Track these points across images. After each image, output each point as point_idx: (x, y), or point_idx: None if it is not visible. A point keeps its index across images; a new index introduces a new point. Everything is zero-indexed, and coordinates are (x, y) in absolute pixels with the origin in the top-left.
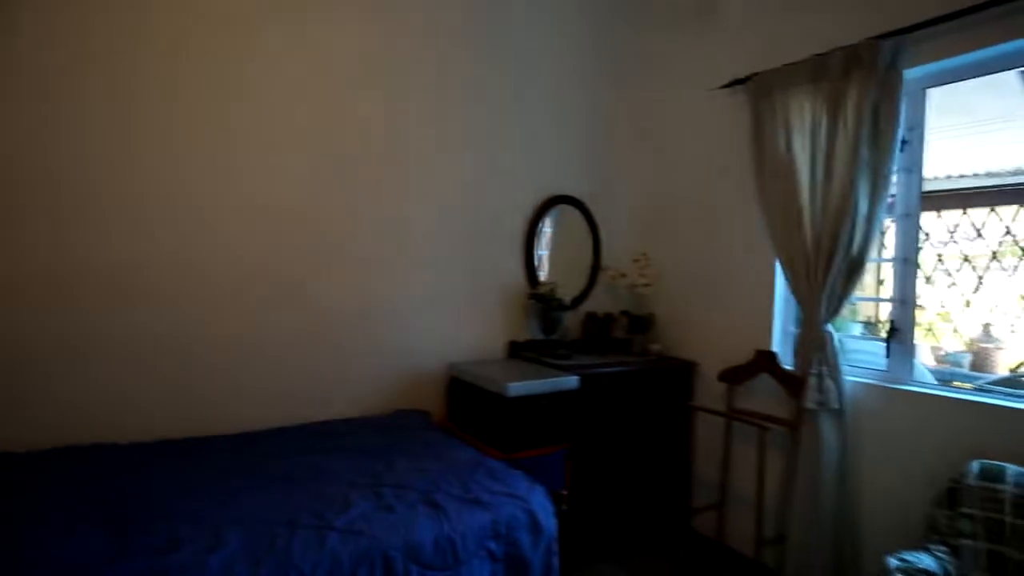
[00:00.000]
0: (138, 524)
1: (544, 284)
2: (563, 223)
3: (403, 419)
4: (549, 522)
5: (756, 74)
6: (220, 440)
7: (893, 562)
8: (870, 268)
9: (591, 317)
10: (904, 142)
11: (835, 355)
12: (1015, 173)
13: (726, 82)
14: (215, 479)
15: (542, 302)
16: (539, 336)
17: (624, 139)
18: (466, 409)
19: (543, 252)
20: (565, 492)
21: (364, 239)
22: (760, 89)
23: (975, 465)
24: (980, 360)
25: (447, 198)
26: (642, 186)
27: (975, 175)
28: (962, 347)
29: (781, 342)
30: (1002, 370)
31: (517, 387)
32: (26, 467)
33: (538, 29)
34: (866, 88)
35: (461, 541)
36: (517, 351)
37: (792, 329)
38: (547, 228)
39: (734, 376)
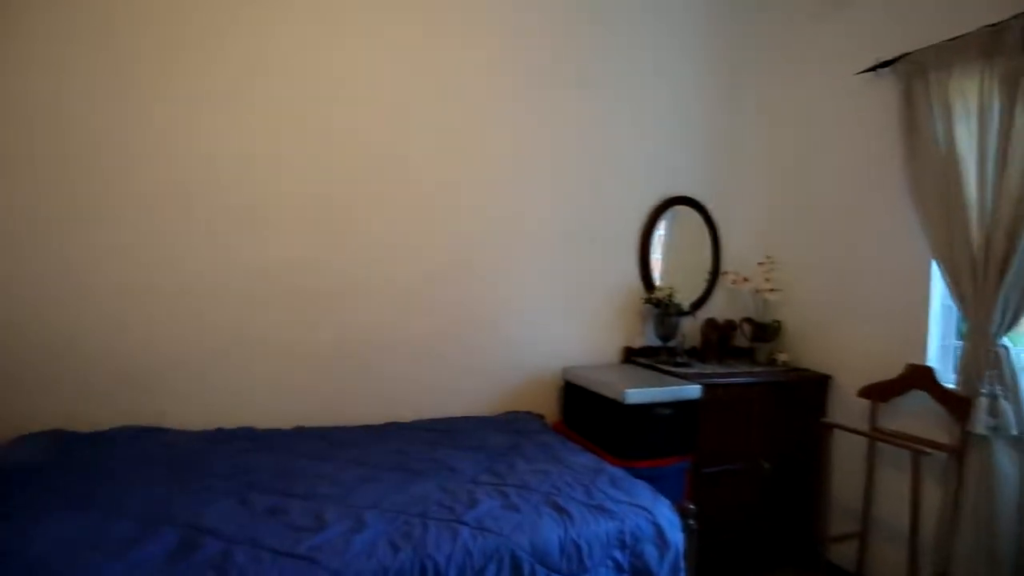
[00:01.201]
0: (289, 500)
1: (661, 288)
2: (680, 225)
3: (518, 420)
4: (676, 537)
5: (907, 54)
6: (353, 431)
7: None
8: None
9: (711, 323)
10: None
11: (1013, 373)
12: None
13: (869, 66)
14: (351, 465)
15: (659, 307)
16: (655, 342)
17: (750, 134)
18: (581, 414)
19: (658, 255)
20: (693, 507)
21: (483, 241)
22: (912, 70)
23: None
24: None
25: (563, 200)
26: (770, 183)
27: None
28: None
29: (939, 356)
30: None
31: (635, 394)
32: (200, 444)
33: (657, 21)
34: None
35: (587, 548)
36: (632, 357)
37: (953, 342)
38: (663, 230)
39: (879, 392)
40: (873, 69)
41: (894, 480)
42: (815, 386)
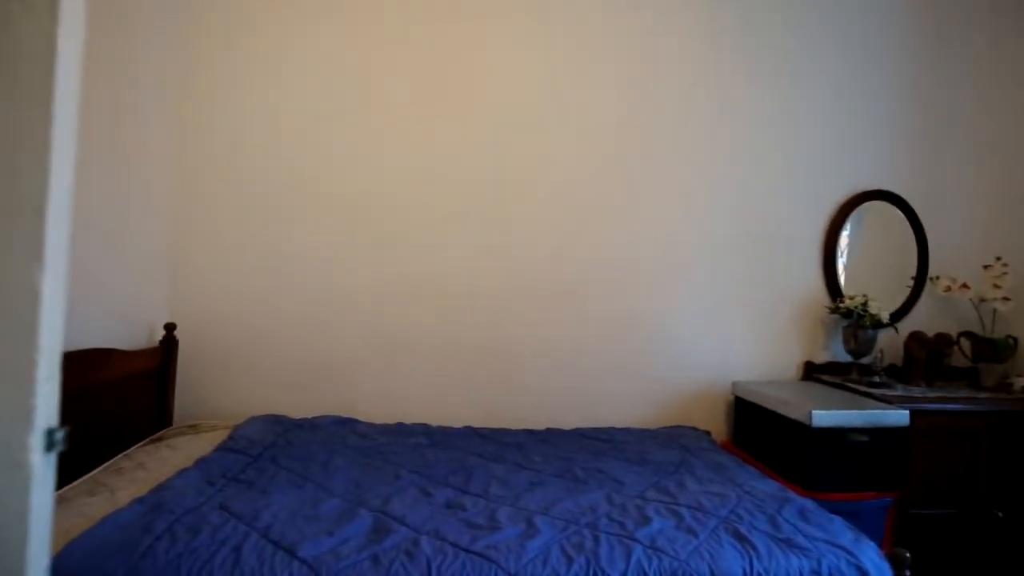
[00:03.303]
0: (464, 496)
1: (853, 297)
2: (872, 223)
3: (684, 436)
4: None
5: None
6: (517, 434)
7: None
8: None
9: (917, 338)
10: None
11: None
12: None
13: None
14: (519, 468)
15: (849, 318)
16: (843, 358)
17: (966, 110)
18: (755, 434)
19: (848, 258)
20: (908, 555)
21: (648, 243)
22: None
23: None
24: None
25: (735, 198)
26: (995, 170)
27: None
28: None
29: None
30: None
31: (824, 416)
32: (385, 436)
33: (851, 12)
34: None
35: None
36: (814, 373)
37: None
38: (851, 230)
39: None
40: None
41: None
42: None
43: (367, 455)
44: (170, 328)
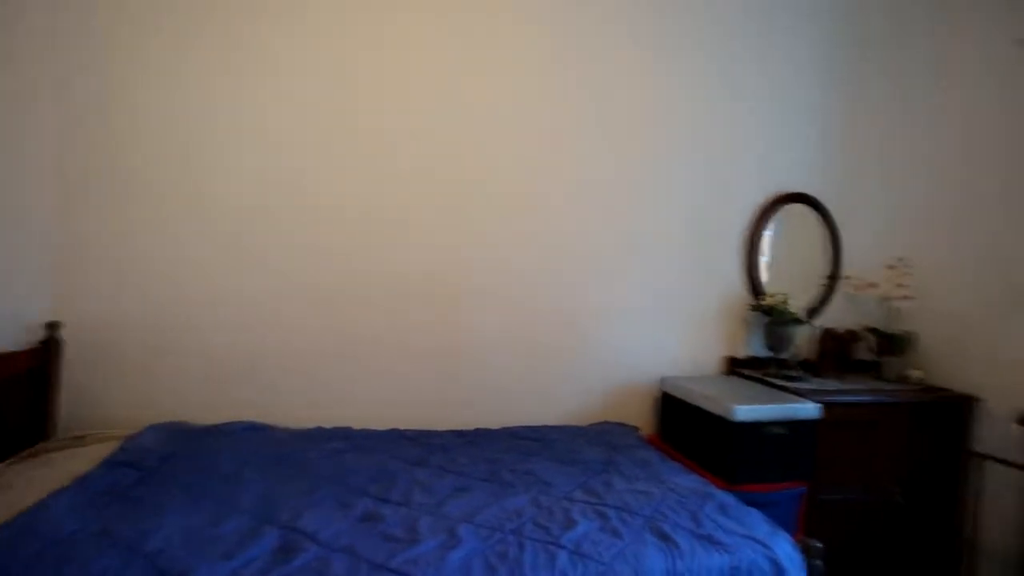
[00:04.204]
0: (384, 506)
1: (773, 294)
2: (794, 225)
3: (612, 432)
4: None
5: None
6: (445, 436)
7: None
8: None
9: (829, 334)
10: None
11: None
12: None
13: None
14: (444, 473)
15: (769, 314)
16: (762, 353)
17: (875, 121)
18: (680, 428)
19: (768, 258)
20: (819, 545)
21: (575, 245)
22: None
23: None
24: None
25: (662, 201)
26: (904, 175)
27: None
28: None
29: None
30: None
31: (746, 411)
32: (302, 442)
33: (773, 16)
34: None
35: None
36: (736, 368)
37: None
38: (774, 231)
39: None
40: None
41: None
42: (956, 409)
43: (280, 464)
44: (53, 327)
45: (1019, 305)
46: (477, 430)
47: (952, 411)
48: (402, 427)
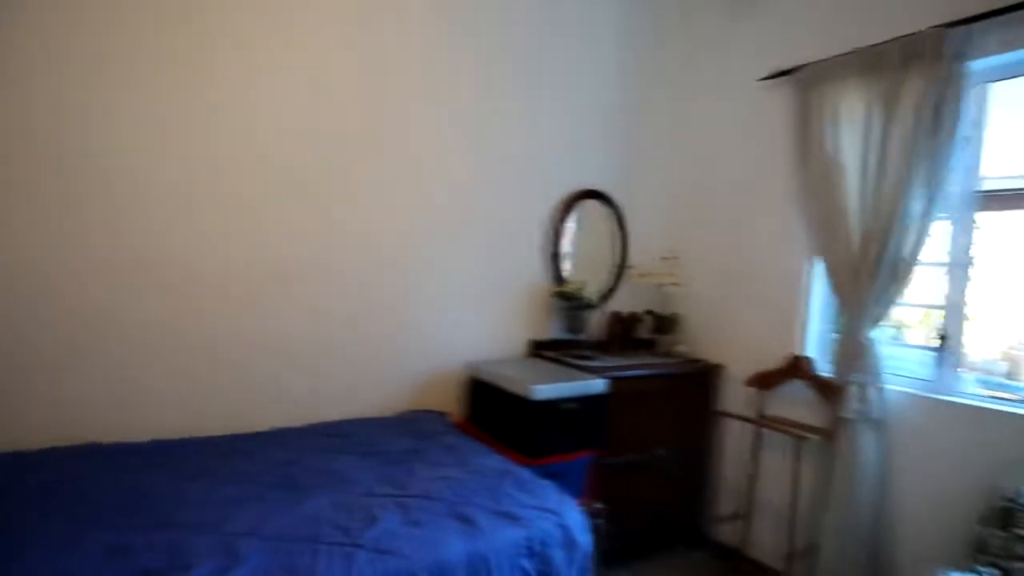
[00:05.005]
0: (141, 535)
1: (571, 282)
2: (590, 219)
3: (420, 420)
4: (584, 538)
5: (803, 65)
6: (229, 441)
7: None
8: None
9: (615, 316)
10: (964, 139)
11: (877, 363)
12: None
13: (769, 73)
14: (223, 484)
15: (567, 300)
16: (562, 335)
17: (659, 131)
18: (487, 411)
19: (568, 248)
20: (601, 506)
21: (380, 234)
22: (807, 81)
23: None
24: (1014, 368)
25: (470, 192)
26: (675, 181)
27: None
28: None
29: (817, 347)
30: None
31: (543, 390)
32: (24, 466)
33: (566, 20)
34: (927, 81)
35: (495, 559)
36: (538, 350)
37: (829, 334)
38: (573, 224)
39: (764, 381)
40: (772, 77)
41: (776, 463)
42: (709, 376)
43: None
44: None
45: (750, 294)
46: (273, 431)
47: (706, 378)
48: (168, 438)
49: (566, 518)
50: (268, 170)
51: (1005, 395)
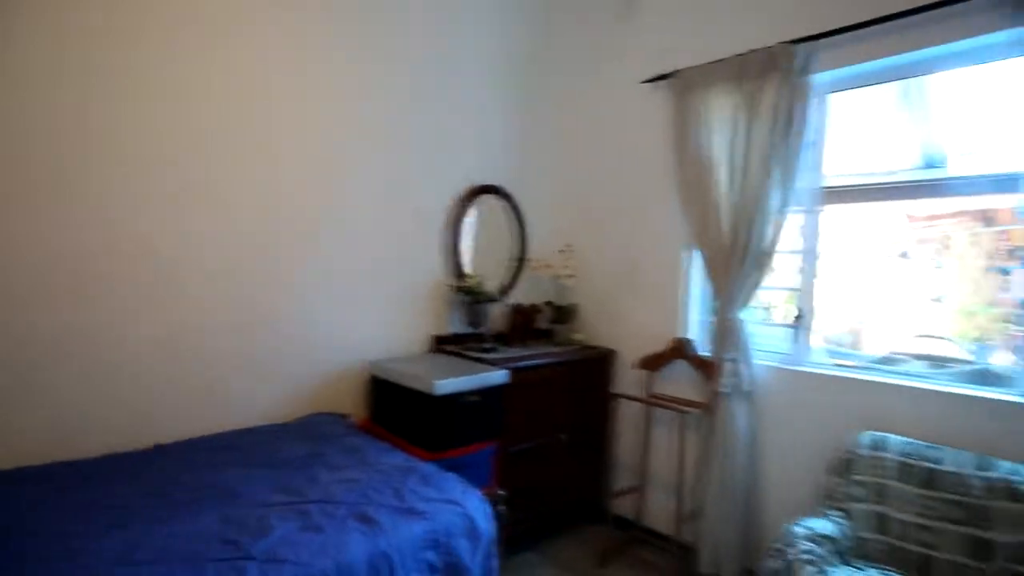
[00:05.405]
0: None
1: (470, 276)
2: (489, 214)
3: (320, 424)
4: (487, 525)
5: (679, 71)
6: (101, 462)
7: (798, 529)
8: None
9: (516, 309)
10: (810, 142)
11: (745, 341)
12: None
13: (651, 77)
14: (92, 510)
15: (468, 295)
16: (464, 329)
17: (553, 128)
18: (390, 409)
19: (467, 243)
20: (503, 492)
21: (274, 234)
22: (683, 85)
23: (866, 437)
24: (856, 340)
25: (367, 189)
26: (568, 177)
27: (870, 174)
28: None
29: (695, 329)
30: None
31: (445, 384)
32: None
33: (461, 19)
34: (779, 90)
35: (398, 556)
36: (440, 345)
37: (706, 317)
38: (472, 219)
39: (651, 363)
40: (654, 80)
41: (664, 437)
42: (604, 361)
43: None
44: None
45: (638, 282)
46: (156, 447)
47: (602, 363)
48: (71, 457)
49: (469, 508)
50: (150, 169)
51: (849, 363)
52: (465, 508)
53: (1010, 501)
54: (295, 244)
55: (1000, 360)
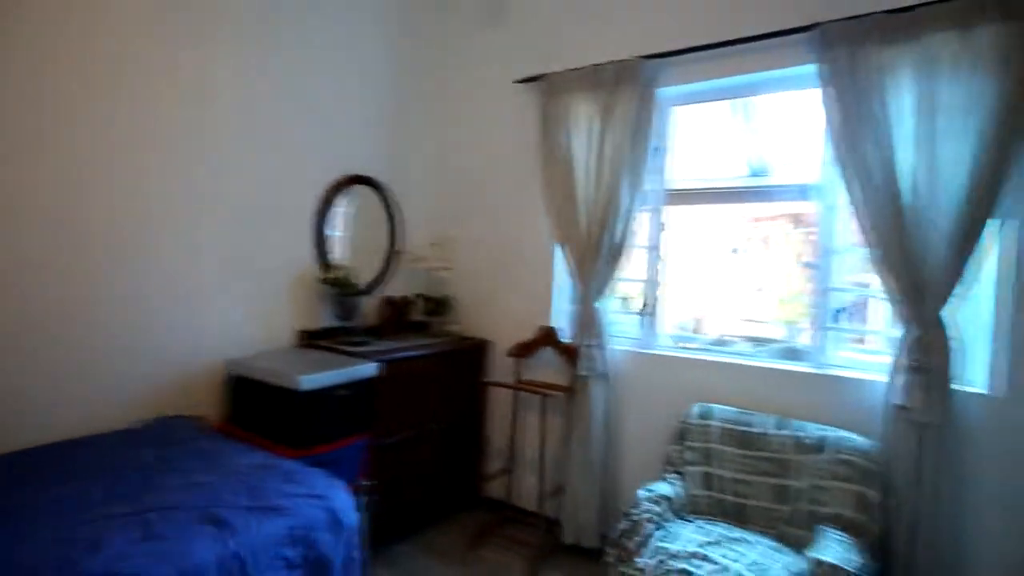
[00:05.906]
0: None
1: (338, 268)
2: (360, 205)
3: (169, 428)
4: (350, 517)
5: (547, 74)
6: None
7: (642, 493)
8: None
9: (387, 301)
10: (656, 149)
11: (603, 328)
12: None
13: (521, 78)
14: None
15: (336, 287)
16: (335, 323)
17: (428, 121)
18: (252, 409)
19: (337, 234)
20: (371, 483)
21: (121, 222)
22: (550, 88)
23: (696, 408)
24: (697, 326)
25: (227, 177)
26: (444, 170)
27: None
28: (689, 316)
29: (561, 319)
30: (709, 332)
31: (311, 379)
32: None
33: (335, 8)
34: (630, 100)
35: (251, 556)
36: (310, 340)
37: (570, 307)
38: (343, 209)
39: (522, 351)
40: (524, 81)
41: (532, 420)
42: (478, 351)
43: None
44: None
45: (508, 275)
46: None
47: (476, 354)
48: None
49: (333, 501)
50: None
51: (690, 345)
52: (329, 501)
53: (798, 453)
54: (146, 234)
55: (803, 339)
